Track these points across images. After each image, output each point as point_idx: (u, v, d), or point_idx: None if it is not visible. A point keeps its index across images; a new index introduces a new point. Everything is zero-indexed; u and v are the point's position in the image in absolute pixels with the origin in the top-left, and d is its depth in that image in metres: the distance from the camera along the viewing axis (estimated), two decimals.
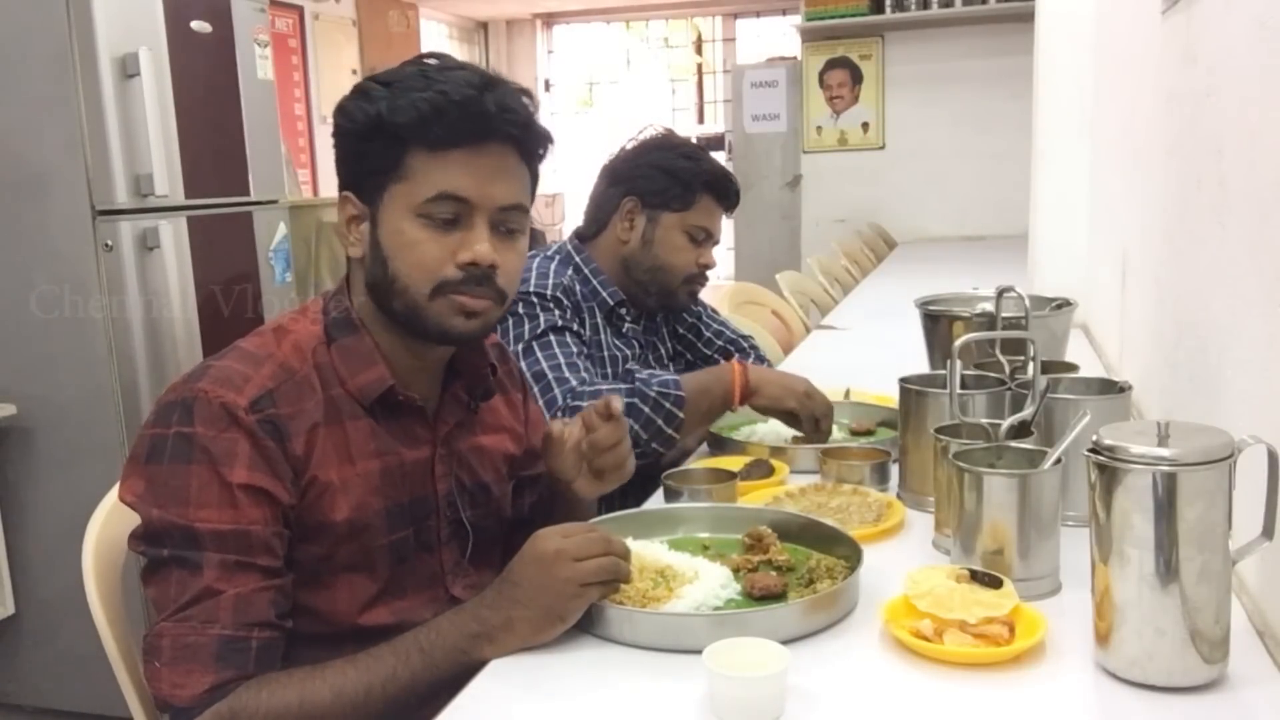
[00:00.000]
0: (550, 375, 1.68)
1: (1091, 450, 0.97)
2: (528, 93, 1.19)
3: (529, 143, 1.18)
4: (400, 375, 1.20)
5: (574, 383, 1.68)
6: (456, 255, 1.15)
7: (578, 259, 1.91)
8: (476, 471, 1.30)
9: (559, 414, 1.64)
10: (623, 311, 1.92)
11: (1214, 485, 0.92)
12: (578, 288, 1.86)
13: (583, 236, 1.96)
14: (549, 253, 1.92)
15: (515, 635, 1.07)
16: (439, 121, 1.12)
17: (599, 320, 1.87)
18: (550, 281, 1.81)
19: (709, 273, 1.99)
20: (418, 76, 1.14)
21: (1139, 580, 0.94)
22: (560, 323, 1.76)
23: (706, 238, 1.94)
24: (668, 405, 1.65)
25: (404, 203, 1.15)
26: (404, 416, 1.22)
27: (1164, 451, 0.92)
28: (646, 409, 1.65)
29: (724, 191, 1.95)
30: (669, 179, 1.89)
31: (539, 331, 1.73)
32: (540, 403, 1.64)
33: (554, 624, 1.07)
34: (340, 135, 1.19)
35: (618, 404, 1.28)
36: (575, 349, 1.74)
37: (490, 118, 1.13)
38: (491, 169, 1.15)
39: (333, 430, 1.15)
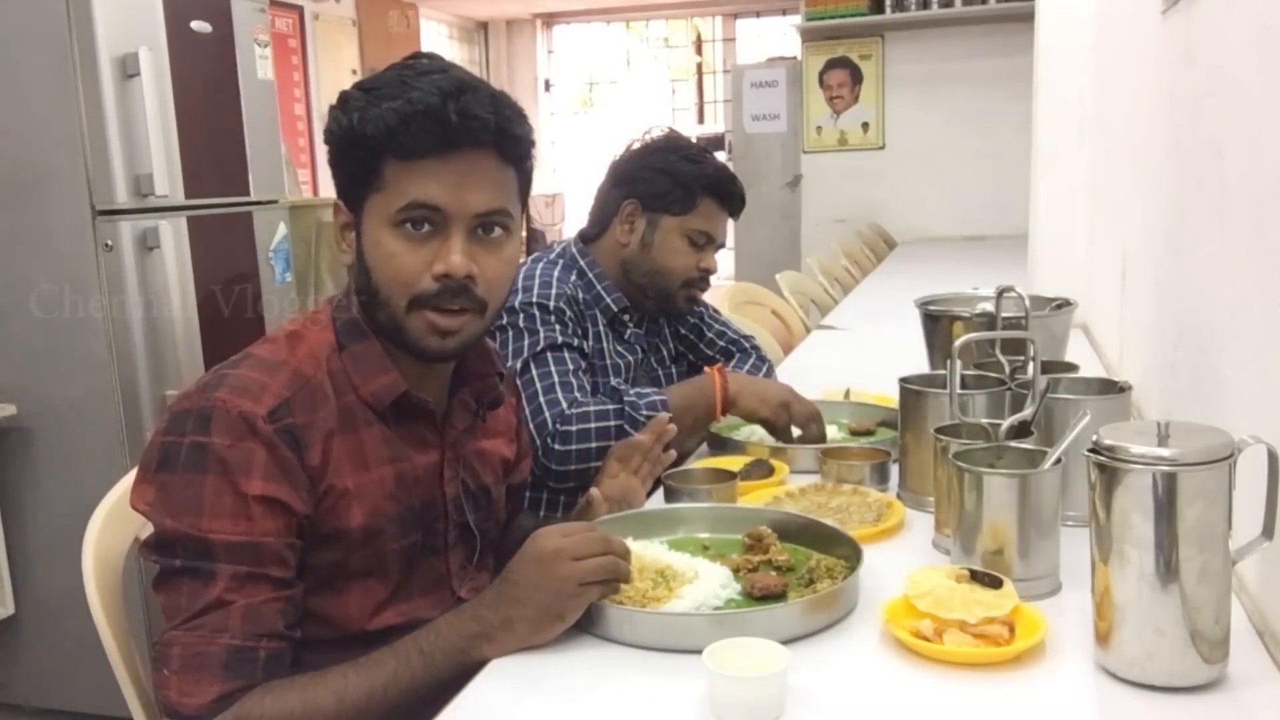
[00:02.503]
0: (542, 397, 1.68)
1: (1091, 450, 0.97)
2: (501, 96, 1.17)
3: (507, 147, 1.16)
4: (410, 381, 1.20)
5: (564, 405, 1.67)
6: (432, 267, 1.14)
7: (582, 263, 1.90)
8: (480, 475, 1.31)
9: (549, 439, 1.65)
10: (625, 318, 1.91)
11: (1214, 485, 0.92)
12: (580, 295, 1.84)
13: (586, 238, 1.95)
14: (552, 256, 1.90)
15: (514, 635, 1.07)
16: (404, 132, 1.10)
17: (601, 328, 1.86)
18: (553, 291, 1.78)
19: (711, 277, 1.98)
20: (395, 83, 1.12)
21: (1139, 580, 0.94)
22: (560, 338, 1.74)
23: (707, 242, 1.92)
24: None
25: (382, 213, 1.14)
26: (414, 421, 1.22)
27: (1164, 451, 0.92)
28: (635, 432, 1.65)
29: (727, 195, 1.92)
30: (669, 181, 1.88)
31: (537, 349, 1.72)
32: (531, 425, 1.64)
33: (553, 623, 1.07)
34: (326, 143, 1.18)
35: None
36: (572, 365, 1.73)
37: (453, 127, 1.11)
38: (464, 176, 1.13)
39: (347, 438, 1.15)
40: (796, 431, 1.77)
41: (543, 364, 1.71)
